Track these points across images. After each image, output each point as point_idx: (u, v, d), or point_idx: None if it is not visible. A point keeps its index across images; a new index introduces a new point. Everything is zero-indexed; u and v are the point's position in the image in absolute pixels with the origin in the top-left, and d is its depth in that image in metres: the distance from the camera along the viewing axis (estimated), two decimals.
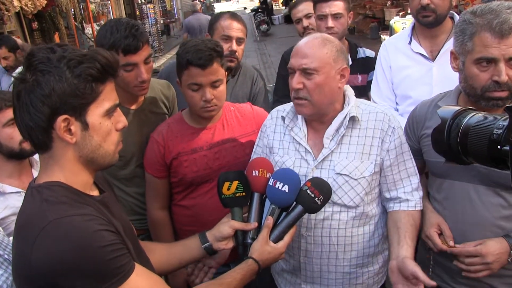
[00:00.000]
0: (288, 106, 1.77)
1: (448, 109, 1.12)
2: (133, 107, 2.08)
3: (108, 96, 1.13)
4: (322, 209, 1.58)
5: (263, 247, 1.42)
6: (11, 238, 1.68)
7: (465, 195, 1.62)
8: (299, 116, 1.71)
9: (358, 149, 1.62)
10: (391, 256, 1.56)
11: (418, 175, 1.72)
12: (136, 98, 2.08)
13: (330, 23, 2.52)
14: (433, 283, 1.43)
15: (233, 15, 2.52)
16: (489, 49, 1.44)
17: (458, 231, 1.64)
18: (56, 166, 1.13)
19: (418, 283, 1.41)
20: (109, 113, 1.14)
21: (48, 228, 1.02)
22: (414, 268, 1.42)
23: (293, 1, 3.15)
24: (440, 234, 1.67)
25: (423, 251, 1.85)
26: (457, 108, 1.10)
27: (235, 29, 2.43)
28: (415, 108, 1.84)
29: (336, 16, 2.53)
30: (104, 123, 1.13)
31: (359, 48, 2.76)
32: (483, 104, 1.52)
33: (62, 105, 1.06)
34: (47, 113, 1.05)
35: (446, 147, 1.10)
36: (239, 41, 2.44)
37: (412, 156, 1.70)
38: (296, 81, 1.58)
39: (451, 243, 1.62)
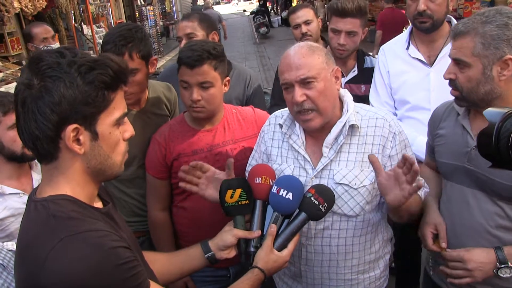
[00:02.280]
0: (285, 113, 1.74)
1: (496, 111, 1.06)
2: (136, 108, 2.09)
3: (118, 105, 1.09)
4: (322, 219, 1.57)
5: (268, 256, 1.40)
6: (6, 243, 1.67)
7: (463, 199, 1.64)
8: (297, 123, 1.68)
9: (358, 157, 1.60)
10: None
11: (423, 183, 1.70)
12: (139, 100, 2.08)
13: (343, 40, 2.48)
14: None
15: (184, 17, 2.57)
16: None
17: (453, 233, 1.66)
18: (61, 177, 1.07)
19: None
20: (118, 122, 1.10)
21: (59, 246, 0.95)
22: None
23: (293, 6, 3.15)
24: (436, 234, 1.68)
25: (426, 251, 1.86)
26: (506, 109, 1.05)
27: (181, 28, 2.47)
28: (436, 108, 1.85)
29: (350, 34, 2.49)
30: (114, 133, 1.09)
31: (366, 57, 2.73)
32: None
33: (72, 113, 1.00)
34: (56, 121, 0.99)
35: (494, 151, 1.04)
36: (189, 37, 2.44)
37: (416, 163, 1.68)
38: (298, 94, 1.52)
39: (443, 244, 1.64)
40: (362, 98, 2.58)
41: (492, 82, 1.49)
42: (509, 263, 1.52)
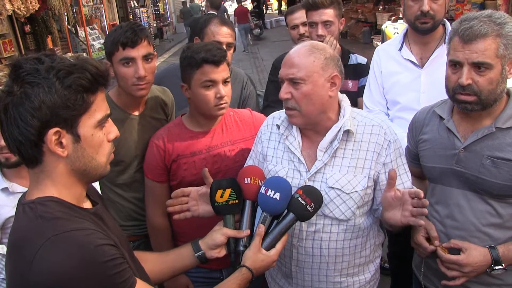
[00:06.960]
0: (283, 114, 1.75)
1: None
2: (136, 113, 2.09)
3: (99, 107, 1.10)
4: (314, 222, 1.59)
5: (256, 255, 1.42)
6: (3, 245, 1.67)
7: (454, 201, 1.65)
8: (294, 125, 1.69)
9: (352, 163, 1.60)
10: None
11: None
12: (139, 104, 2.08)
13: (320, 31, 2.53)
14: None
15: (222, 20, 2.52)
16: (456, 52, 1.52)
17: (446, 235, 1.67)
18: (48, 180, 1.09)
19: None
20: (101, 124, 1.11)
21: (46, 245, 0.97)
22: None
23: (291, 7, 3.18)
24: (428, 238, 1.69)
25: (417, 257, 1.88)
26: None
27: (224, 34, 2.44)
28: (416, 114, 1.87)
29: (326, 24, 2.54)
30: (96, 135, 1.10)
31: (351, 54, 2.77)
32: (457, 107, 1.61)
33: (53, 117, 1.02)
34: (37, 126, 1.01)
35: None
36: (229, 45, 2.44)
37: (408, 170, 1.69)
38: (284, 91, 1.57)
39: (437, 242, 1.66)
40: (351, 94, 2.62)
41: (505, 81, 1.51)
42: (503, 264, 1.55)
